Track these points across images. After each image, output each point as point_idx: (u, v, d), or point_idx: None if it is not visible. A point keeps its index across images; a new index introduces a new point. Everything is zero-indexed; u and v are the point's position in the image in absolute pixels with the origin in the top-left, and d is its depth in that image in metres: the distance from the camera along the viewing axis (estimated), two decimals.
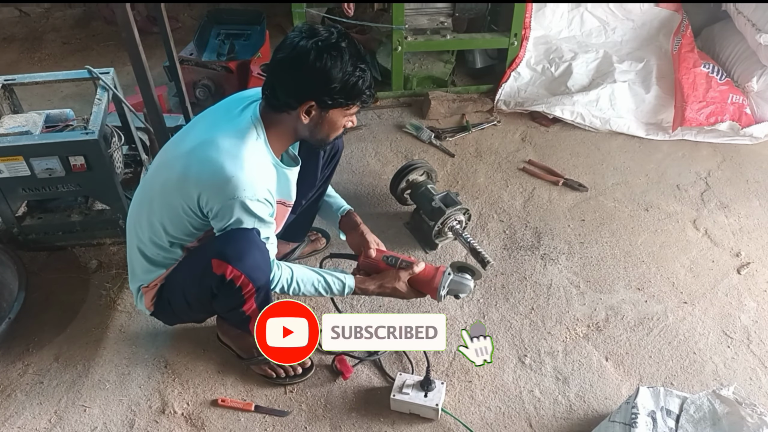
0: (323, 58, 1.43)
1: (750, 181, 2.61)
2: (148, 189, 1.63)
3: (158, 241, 1.62)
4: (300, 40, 1.44)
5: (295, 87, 1.47)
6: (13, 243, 2.20)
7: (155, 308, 1.74)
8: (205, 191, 1.47)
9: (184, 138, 1.60)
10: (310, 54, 1.42)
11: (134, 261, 1.71)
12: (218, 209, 1.47)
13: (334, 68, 1.44)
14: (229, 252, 1.50)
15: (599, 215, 2.44)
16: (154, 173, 1.64)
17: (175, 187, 1.52)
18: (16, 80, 2.20)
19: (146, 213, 1.61)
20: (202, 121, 1.63)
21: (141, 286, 1.71)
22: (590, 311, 2.08)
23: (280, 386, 1.86)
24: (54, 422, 1.78)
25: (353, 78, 1.47)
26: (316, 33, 1.45)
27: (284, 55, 1.46)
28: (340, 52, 1.44)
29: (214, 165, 1.45)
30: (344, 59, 1.45)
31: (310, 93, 1.48)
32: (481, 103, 2.98)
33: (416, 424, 1.77)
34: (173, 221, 1.57)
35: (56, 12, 3.85)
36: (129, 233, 1.72)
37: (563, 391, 1.85)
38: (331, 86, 1.46)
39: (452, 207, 2.17)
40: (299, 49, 1.43)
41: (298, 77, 1.45)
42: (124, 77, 2.83)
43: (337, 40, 1.45)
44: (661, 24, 3.11)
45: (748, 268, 2.22)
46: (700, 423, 1.52)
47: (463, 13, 2.92)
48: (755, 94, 2.84)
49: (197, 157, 1.48)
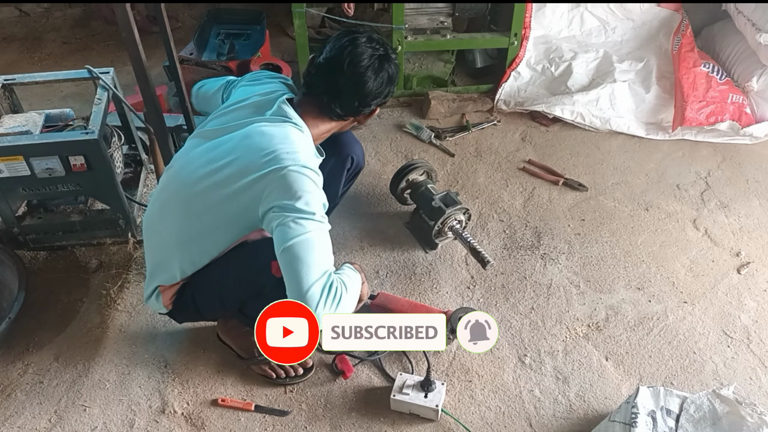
0: (383, 70, 1.60)
1: (750, 180, 2.61)
2: (182, 198, 1.58)
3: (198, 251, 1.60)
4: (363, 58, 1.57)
5: (363, 100, 1.62)
6: (13, 243, 2.20)
7: (173, 306, 1.73)
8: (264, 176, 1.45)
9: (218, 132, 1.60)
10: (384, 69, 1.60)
11: (157, 263, 1.68)
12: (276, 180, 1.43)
13: (392, 75, 1.63)
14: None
15: (599, 215, 2.44)
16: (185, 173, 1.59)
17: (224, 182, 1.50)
18: (16, 80, 2.20)
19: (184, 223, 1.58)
20: (230, 117, 1.63)
21: (159, 286, 1.70)
22: (590, 311, 2.08)
23: (280, 386, 1.86)
24: (54, 422, 1.78)
25: (396, 75, 1.65)
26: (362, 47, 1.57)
27: (349, 76, 1.57)
28: (389, 58, 1.62)
29: (267, 146, 1.48)
30: (393, 64, 1.64)
31: (376, 102, 1.65)
32: (481, 102, 2.98)
33: (416, 425, 1.77)
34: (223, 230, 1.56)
35: (56, 12, 3.85)
36: (150, 238, 1.70)
37: (563, 390, 1.85)
38: (389, 91, 1.65)
39: (452, 207, 2.17)
40: (362, 67, 1.57)
41: (366, 92, 1.60)
42: (124, 77, 2.83)
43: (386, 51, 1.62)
44: (661, 24, 3.11)
45: (748, 268, 2.22)
46: (700, 423, 1.52)
47: (463, 13, 2.92)
48: (755, 93, 2.84)
49: (247, 148, 1.51)
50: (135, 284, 2.14)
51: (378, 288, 2.13)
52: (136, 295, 2.11)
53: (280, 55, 3.24)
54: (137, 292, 2.12)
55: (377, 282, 2.15)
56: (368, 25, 2.96)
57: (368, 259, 2.23)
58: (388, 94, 1.67)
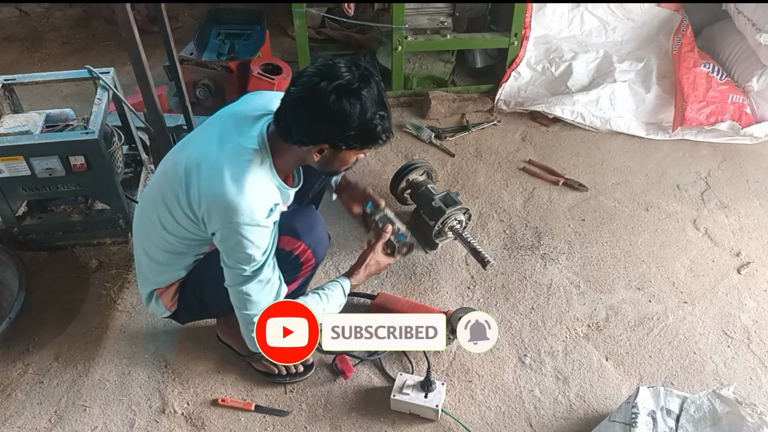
0: (342, 103, 1.37)
1: (750, 180, 2.61)
2: (156, 196, 1.58)
3: (169, 248, 1.61)
4: (320, 81, 1.37)
5: (310, 128, 1.42)
6: (13, 243, 2.20)
7: (177, 307, 1.73)
8: (207, 213, 1.46)
9: (191, 146, 1.57)
10: (329, 98, 1.36)
11: (144, 265, 1.69)
12: (219, 231, 1.46)
13: (352, 115, 1.38)
14: (300, 227, 1.59)
15: (599, 215, 2.44)
16: (160, 181, 1.59)
17: (177, 204, 1.50)
18: (17, 80, 2.20)
19: (154, 220, 1.58)
20: (210, 131, 1.57)
21: (155, 289, 1.70)
22: (590, 311, 2.08)
23: (280, 386, 1.86)
24: (54, 422, 1.78)
25: (371, 125, 1.41)
26: (337, 74, 1.37)
27: (302, 95, 1.40)
28: (360, 98, 1.38)
29: (216, 190, 1.43)
30: (364, 106, 1.38)
31: (324, 136, 1.43)
32: (482, 102, 2.98)
33: (416, 425, 1.77)
34: (181, 233, 1.56)
35: (56, 12, 3.85)
36: (136, 238, 1.71)
37: (563, 390, 1.85)
38: (347, 133, 1.41)
39: (452, 207, 2.17)
40: (318, 92, 1.37)
41: (313, 120, 1.40)
42: (124, 77, 2.83)
43: (358, 86, 1.38)
44: (662, 24, 3.11)
45: (748, 268, 2.22)
46: (700, 423, 1.52)
47: (463, 13, 2.92)
48: (755, 93, 2.84)
49: (201, 178, 1.46)
50: (135, 284, 2.14)
51: (378, 288, 2.13)
52: (136, 295, 2.11)
53: (280, 55, 3.24)
54: (137, 293, 2.11)
55: (377, 282, 2.15)
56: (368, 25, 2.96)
57: None
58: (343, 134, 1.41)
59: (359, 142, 1.45)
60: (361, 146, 1.47)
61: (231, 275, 1.52)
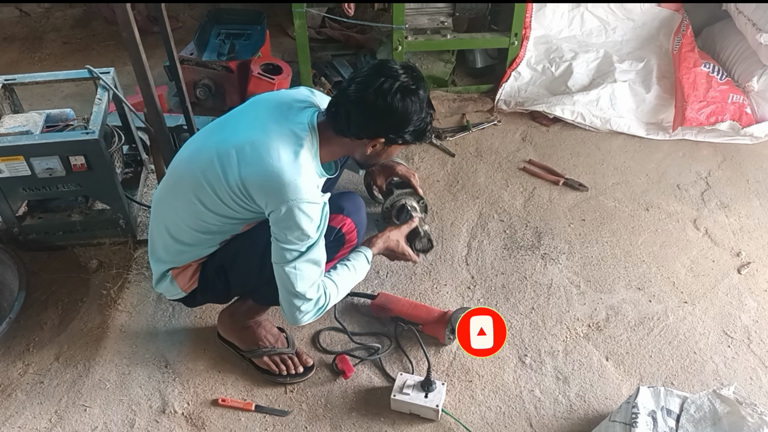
0: (405, 101, 1.47)
1: (750, 180, 2.61)
2: (194, 175, 1.56)
3: (203, 228, 1.60)
4: (384, 81, 1.46)
5: (373, 124, 1.51)
6: (13, 243, 2.20)
7: (197, 286, 1.72)
8: (262, 192, 1.48)
9: (236, 127, 1.58)
10: (395, 96, 1.46)
11: (163, 245, 1.67)
12: (277, 209, 1.48)
13: (413, 113, 1.49)
14: (347, 206, 1.68)
15: (599, 215, 2.44)
16: (197, 161, 1.57)
17: (226, 184, 1.50)
18: (17, 80, 2.20)
19: (192, 200, 1.56)
20: (253, 115, 1.60)
21: (170, 269, 1.69)
22: (591, 311, 2.08)
23: (280, 386, 1.86)
24: (54, 422, 1.78)
25: (424, 123, 1.54)
26: (396, 75, 1.47)
27: (365, 93, 1.47)
28: (419, 97, 1.49)
29: (272, 168, 1.46)
30: (422, 105, 1.51)
31: (385, 131, 1.53)
32: (482, 102, 2.98)
33: (416, 425, 1.77)
34: (224, 211, 1.56)
35: (56, 12, 3.85)
36: (157, 218, 1.68)
37: (563, 390, 1.85)
38: (407, 129, 1.52)
39: (401, 189, 2.20)
40: (383, 91, 1.46)
41: (377, 116, 1.49)
42: (124, 77, 2.83)
43: (416, 86, 1.49)
44: (662, 24, 3.11)
45: (749, 268, 2.22)
46: (700, 423, 1.52)
47: (464, 13, 2.92)
48: (756, 93, 2.84)
49: (255, 157, 1.48)
50: (135, 284, 2.14)
51: (378, 288, 2.13)
52: (136, 295, 2.11)
53: (280, 55, 3.24)
54: (138, 292, 2.12)
55: (377, 282, 2.15)
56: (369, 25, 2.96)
57: None
58: (402, 131, 1.53)
59: (413, 137, 1.56)
60: (413, 141, 1.57)
61: (282, 253, 1.52)
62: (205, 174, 1.53)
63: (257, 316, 1.87)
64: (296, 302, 1.57)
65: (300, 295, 1.56)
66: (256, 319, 1.87)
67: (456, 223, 2.39)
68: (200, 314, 2.04)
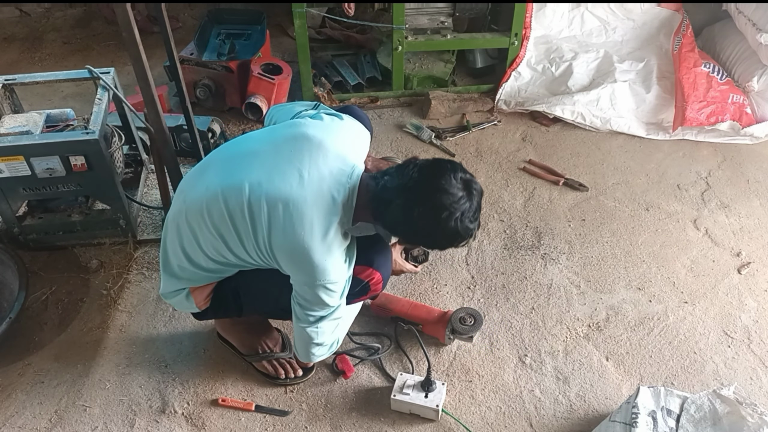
0: (458, 229, 1.41)
1: (750, 180, 2.61)
2: (221, 213, 1.46)
3: (223, 261, 1.55)
4: (442, 211, 1.38)
5: (413, 239, 1.55)
6: (13, 243, 2.20)
7: (209, 305, 1.69)
8: (290, 265, 1.47)
9: (266, 161, 1.47)
10: (448, 225, 1.40)
11: (176, 262, 1.59)
12: (302, 284, 1.48)
13: (460, 238, 1.45)
14: (377, 260, 1.61)
15: (600, 215, 2.44)
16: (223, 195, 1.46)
17: (254, 239, 1.45)
18: (17, 80, 2.20)
19: (216, 236, 1.49)
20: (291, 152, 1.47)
21: (190, 287, 1.64)
22: (591, 311, 2.08)
23: (280, 386, 1.86)
24: (54, 422, 1.78)
25: (467, 238, 1.47)
26: (457, 204, 1.39)
27: (422, 217, 1.40)
28: (472, 228, 1.45)
29: (302, 245, 1.40)
30: (472, 232, 1.46)
31: (424, 245, 1.63)
32: (482, 102, 2.98)
33: (417, 425, 1.77)
34: (245, 257, 1.52)
35: (57, 12, 3.84)
36: (174, 239, 1.57)
37: (564, 390, 1.85)
38: (446, 248, 1.55)
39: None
40: (440, 222, 1.40)
41: (422, 236, 1.48)
42: (124, 77, 2.83)
43: (475, 215, 1.44)
44: (662, 24, 3.10)
45: (749, 268, 2.22)
46: (700, 423, 1.52)
47: (464, 13, 2.91)
48: (756, 93, 2.83)
49: (283, 222, 1.40)
50: (135, 284, 2.14)
51: None
52: (136, 295, 2.11)
53: (280, 55, 3.24)
54: (138, 292, 2.12)
55: None
56: (369, 25, 2.96)
57: None
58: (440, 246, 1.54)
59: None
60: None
61: (303, 316, 1.54)
62: (233, 220, 1.45)
63: (257, 321, 1.87)
64: (314, 350, 1.61)
65: (318, 344, 1.59)
66: (256, 323, 1.87)
67: None
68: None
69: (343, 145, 1.52)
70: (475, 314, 1.91)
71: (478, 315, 1.91)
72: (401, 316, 1.96)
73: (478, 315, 1.91)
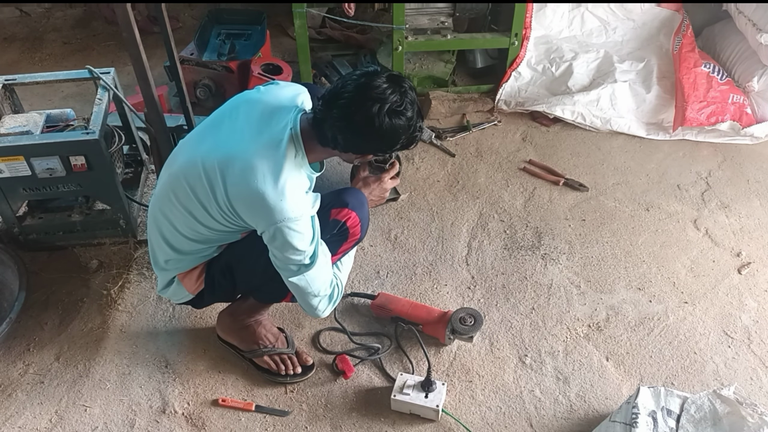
0: (393, 123, 1.45)
1: (751, 180, 2.61)
2: (184, 188, 1.55)
3: (199, 238, 1.62)
4: (371, 106, 1.43)
5: (361, 145, 1.53)
6: (13, 243, 2.20)
7: (203, 287, 1.73)
8: (249, 213, 1.49)
9: (218, 138, 1.56)
10: (383, 121, 1.44)
11: (163, 254, 1.68)
12: (266, 231, 1.50)
13: (401, 133, 1.49)
14: (351, 201, 1.66)
15: (600, 215, 2.44)
16: (185, 173, 1.55)
17: (215, 202, 1.51)
18: (17, 80, 2.20)
19: (184, 212, 1.57)
20: (235, 121, 1.57)
21: (176, 275, 1.71)
22: (591, 311, 2.08)
23: (280, 386, 1.86)
24: (55, 422, 1.78)
25: (413, 136, 1.53)
26: (384, 96, 1.44)
27: (351, 119, 1.44)
28: (407, 116, 1.48)
29: (256, 192, 1.45)
30: (410, 122, 1.49)
31: (372, 150, 1.57)
32: (482, 102, 2.98)
33: (417, 425, 1.77)
34: (215, 225, 1.57)
35: (57, 12, 3.85)
36: (154, 228, 1.67)
37: (564, 390, 1.85)
38: (395, 147, 1.53)
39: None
40: (371, 117, 1.43)
41: (364, 139, 1.50)
42: (124, 77, 2.83)
43: (404, 104, 1.47)
44: (662, 24, 3.11)
45: (749, 268, 2.22)
46: (700, 423, 1.52)
47: (464, 13, 2.92)
48: (756, 93, 2.83)
49: (238, 176, 1.46)
50: (136, 284, 2.14)
51: (378, 288, 2.13)
52: (136, 295, 2.11)
53: (280, 55, 3.24)
54: (138, 292, 2.12)
55: (377, 282, 2.15)
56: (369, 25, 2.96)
57: (368, 259, 2.23)
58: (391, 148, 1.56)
59: (402, 149, 1.57)
60: (401, 150, 1.59)
61: (285, 270, 1.56)
62: (195, 192, 1.53)
63: (257, 315, 1.87)
64: (313, 302, 1.63)
65: (315, 294, 1.61)
66: (257, 318, 1.87)
67: (456, 223, 2.39)
68: (200, 314, 2.04)
69: (279, 98, 1.60)
70: (475, 314, 1.91)
71: (478, 315, 1.91)
72: (401, 316, 1.96)
73: (478, 315, 1.91)
